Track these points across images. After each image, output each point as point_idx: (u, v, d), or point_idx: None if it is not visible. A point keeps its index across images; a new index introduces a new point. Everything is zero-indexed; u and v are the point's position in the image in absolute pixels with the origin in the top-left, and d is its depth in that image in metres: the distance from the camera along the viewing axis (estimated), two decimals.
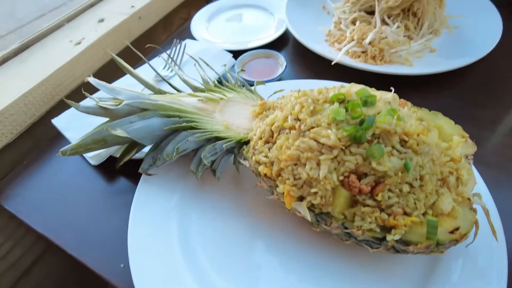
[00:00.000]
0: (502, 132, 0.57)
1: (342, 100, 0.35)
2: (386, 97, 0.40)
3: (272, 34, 0.72)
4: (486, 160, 0.52)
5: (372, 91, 0.42)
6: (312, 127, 0.34)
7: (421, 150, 0.32)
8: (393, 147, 0.32)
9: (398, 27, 0.63)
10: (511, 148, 0.54)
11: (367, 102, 0.34)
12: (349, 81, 0.59)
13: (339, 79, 0.60)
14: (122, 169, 0.53)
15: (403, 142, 0.32)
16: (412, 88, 0.62)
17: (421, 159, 0.32)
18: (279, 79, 0.63)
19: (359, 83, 0.58)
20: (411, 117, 0.38)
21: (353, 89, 0.42)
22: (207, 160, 0.41)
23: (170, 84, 0.50)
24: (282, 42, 0.74)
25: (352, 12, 0.69)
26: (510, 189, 0.49)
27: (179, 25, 0.97)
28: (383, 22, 0.65)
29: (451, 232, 0.32)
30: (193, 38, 0.74)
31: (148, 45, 0.56)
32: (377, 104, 0.34)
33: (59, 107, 0.65)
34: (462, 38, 0.69)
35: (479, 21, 0.71)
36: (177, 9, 0.91)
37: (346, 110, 0.34)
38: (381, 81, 0.61)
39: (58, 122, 0.59)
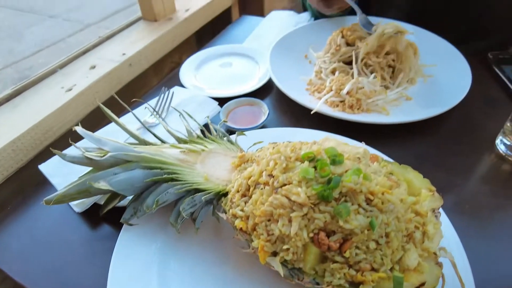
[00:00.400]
0: (475, 179, 0.59)
1: (312, 159, 0.37)
2: (357, 152, 0.42)
3: (257, 83, 0.76)
4: (459, 208, 0.54)
5: (345, 145, 0.44)
6: (284, 184, 0.36)
7: (386, 208, 0.34)
8: (359, 205, 0.34)
9: (374, 77, 0.67)
10: (483, 195, 0.57)
11: (335, 161, 0.36)
12: (328, 129, 0.63)
13: (319, 126, 0.63)
14: (106, 216, 0.54)
15: (368, 201, 0.34)
16: (389, 135, 0.65)
17: (386, 217, 0.34)
18: (262, 126, 0.66)
19: (338, 131, 0.61)
20: (380, 173, 0.40)
21: (326, 143, 0.45)
22: (186, 212, 0.42)
23: (154, 135, 0.52)
24: (267, 90, 0.77)
25: (332, 62, 0.73)
26: (482, 237, 0.51)
27: (171, 68, 1.01)
28: (361, 72, 0.69)
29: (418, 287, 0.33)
30: (182, 85, 0.77)
31: (133, 99, 0.58)
32: (345, 162, 0.37)
33: (47, 153, 0.67)
34: (436, 86, 0.73)
35: (451, 70, 0.76)
36: (169, 54, 0.95)
37: (316, 169, 0.36)
38: (359, 129, 0.64)
39: (45, 168, 0.60)
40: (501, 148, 0.62)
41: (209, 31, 1.11)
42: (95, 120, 0.77)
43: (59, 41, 3.85)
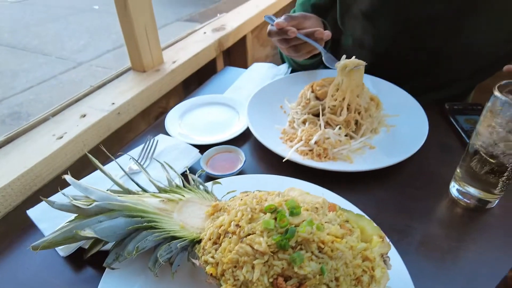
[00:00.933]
0: (431, 223, 0.65)
1: (274, 210, 0.43)
2: (316, 201, 0.48)
3: (236, 131, 0.83)
4: (415, 250, 0.60)
5: (306, 195, 0.50)
6: (249, 234, 0.41)
7: (335, 255, 0.39)
8: (312, 253, 0.39)
9: (339, 128, 0.75)
10: (438, 237, 0.62)
11: (293, 212, 0.42)
12: (299, 175, 0.69)
13: (291, 173, 0.70)
14: (90, 259, 0.58)
15: (320, 248, 0.40)
16: (354, 182, 0.71)
17: (335, 263, 0.39)
18: (240, 172, 0.71)
19: (308, 177, 0.67)
20: (335, 221, 0.46)
21: (290, 193, 0.51)
22: (163, 258, 0.46)
23: (136, 184, 0.57)
24: (245, 137, 0.84)
25: (303, 114, 0.81)
26: (435, 277, 0.56)
27: (158, 113, 1.08)
28: (327, 124, 0.76)
29: None
30: (167, 132, 0.83)
31: (118, 156, 0.64)
32: (302, 214, 0.42)
33: (35, 197, 0.71)
34: (398, 135, 0.81)
35: (411, 119, 0.84)
36: (156, 101, 1.03)
37: (276, 219, 0.41)
38: (326, 176, 0.70)
39: (33, 213, 0.64)
40: (453, 192, 0.69)
41: (195, 79, 1.20)
42: (83, 165, 0.82)
43: (50, 79, 3.94)
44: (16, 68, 4.14)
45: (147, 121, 1.02)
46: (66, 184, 0.59)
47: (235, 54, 1.44)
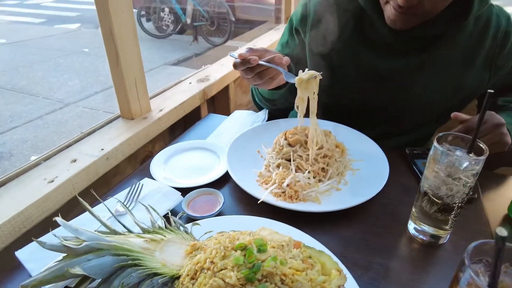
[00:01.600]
0: (390, 258, 0.72)
1: (244, 248, 0.49)
2: (283, 240, 0.55)
3: (217, 174, 0.90)
4: (376, 284, 0.66)
5: (275, 233, 0.57)
6: (222, 269, 0.47)
7: (295, 286, 0.46)
8: (275, 284, 0.45)
9: (309, 172, 0.83)
10: (396, 272, 0.69)
11: (260, 249, 0.49)
12: (273, 216, 0.76)
13: (266, 213, 0.77)
14: None
15: (282, 280, 0.46)
16: (321, 221, 0.79)
17: None
18: (219, 213, 0.78)
19: (281, 217, 0.75)
20: (299, 257, 0.53)
21: (261, 232, 0.57)
22: None
23: (122, 225, 0.63)
24: (225, 180, 0.91)
25: (277, 159, 0.90)
26: None
27: (145, 156, 1.15)
28: (298, 169, 0.85)
29: None
30: (151, 176, 0.90)
31: (106, 199, 0.70)
32: (268, 250, 0.49)
33: (24, 239, 0.75)
34: (362, 178, 0.90)
35: (375, 163, 0.93)
36: (143, 146, 1.10)
37: (245, 256, 0.48)
38: (297, 216, 0.77)
39: (21, 254, 0.68)
40: (411, 230, 0.77)
41: (181, 125, 1.29)
42: (72, 207, 0.87)
43: (36, 119, 3.99)
44: (2, 108, 4.18)
45: (133, 164, 1.09)
46: (56, 225, 0.64)
47: (219, 101, 1.55)
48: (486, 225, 0.80)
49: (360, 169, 0.93)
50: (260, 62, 0.85)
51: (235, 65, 0.88)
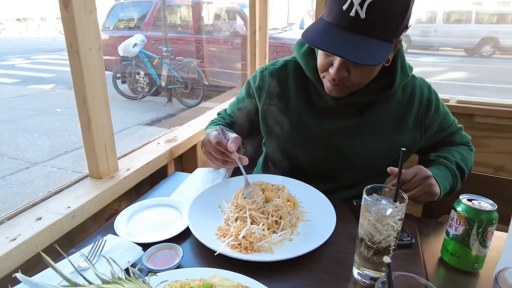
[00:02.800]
0: None
1: None
2: (232, 285, 0.61)
3: (178, 229, 0.96)
4: None
5: (225, 280, 0.64)
6: None
7: None
8: None
9: (263, 225, 0.91)
10: None
11: None
12: (230, 266, 0.81)
13: (223, 265, 0.82)
14: None
15: None
16: (274, 269, 0.85)
17: None
18: (177, 267, 0.83)
19: (237, 268, 0.80)
20: None
21: (211, 279, 0.64)
22: None
23: (84, 278, 0.67)
24: (187, 235, 0.96)
25: (235, 213, 0.98)
26: None
27: (110, 215, 1.19)
28: (253, 221, 0.93)
29: None
30: (115, 233, 0.94)
31: (71, 250, 0.74)
32: None
33: None
34: (312, 228, 0.98)
35: (324, 214, 1.02)
36: (109, 204, 1.14)
37: None
38: (252, 265, 0.84)
39: None
40: (355, 275, 0.85)
41: (148, 182, 1.35)
42: (35, 263, 0.88)
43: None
44: None
45: (99, 222, 1.12)
46: (15, 283, 0.67)
47: (187, 160, 1.64)
48: (421, 267, 0.89)
49: (311, 220, 1.02)
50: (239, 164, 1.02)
51: (220, 144, 1.01)
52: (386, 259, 0.44)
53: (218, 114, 1.39)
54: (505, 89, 7.97)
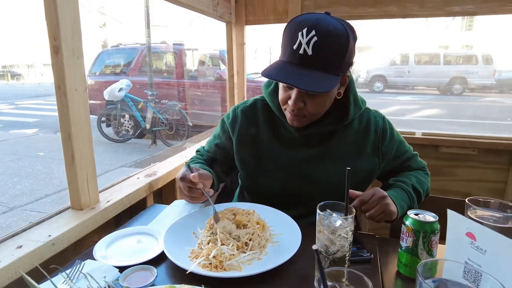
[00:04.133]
0: None
1: None
2: None
3: (154, 254, 1.02)
4: None
5: None
6: None
7: None
8: None
9: (232, 245, 0.99)
10: None
11: None
12: (202, 284, 0.87)
13: (195, 283, 0.88)
14: None
15: None
16: (244, 286, 0.91)
17: None
18: (152, 285, 0.89)
19: (208, 285, 0.86)
20: None
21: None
22: None
23: None
24: (162, 259, 1.02)
25: (208, 236, 1.05)
26: None
27: (89, 245, 1.23)
28: (223, 243, 1.01)
29: None
30: (94, 258, 0.99)
31: (52, 265, 0.80)
32: None
33: None
34: (280, 249, 1.06)
35: (292, 236, 1.10)
36: (89, 234, 1.20)
37: None
38: (223, 282, 0.90)
39: None
40: (316, 286, 0.92)
41: (128, 214, 1.41)
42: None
43: None
44: None
45: (78, 251, 1.16)
46: None
47: (166, 193, 1.72)
48: (378, 279, 0.97)
49: (280, 241, 1.10)
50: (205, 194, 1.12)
51: (184, 179, 1.11)
52: (315, 246, 0.53)
53: (197, 151, 1.50)
54: (475, 123, 8.49)
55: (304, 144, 1.27)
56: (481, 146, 2.23)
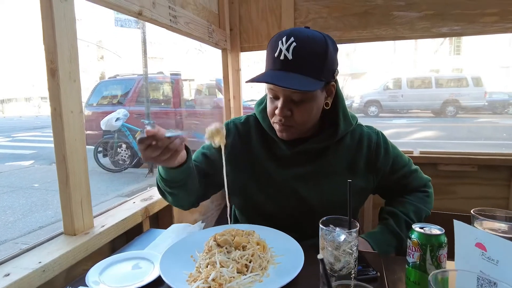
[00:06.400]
0: None
1: None
2: None
3: (150, 278, 0.97)
4: None
5: None
6: None
7: None
8: None
9: (232, 267, 0.95)
10: None
11: None
12: None
13: None
14: None
15: None
16: None
17: None
18: None
19: None
20: None
21: None
22: None
23: None
24: (159, 283, 0.97)
25: (206, 259, 1.01)
26: None
27: (81, 273, 1.17)
28: (222, 265, 0.96)
29: None
30: (86, 285, 0.94)
31: None
32: None
33: None
34: (282, 271, 1.01)
35: (294, 257, 1.06)
36: (82, 260, 1.14)
37: None
38: None
39: None
40: None
41: (123, 239, 1.36)
42: None
43: None
44: None
45: (71, 278, 1.10)
46: None
47: (162, 217, 1.67)
48: None
49: (281, 263, 1.05)
50: (167, 134, 0.97)
51: (142, 140, 0.94)
52: (319, 256, 0.50)
53: None
54: (471, 144, 8.60)
55: (296, 162, 1.26)
56: (481, 162, 2.22)
